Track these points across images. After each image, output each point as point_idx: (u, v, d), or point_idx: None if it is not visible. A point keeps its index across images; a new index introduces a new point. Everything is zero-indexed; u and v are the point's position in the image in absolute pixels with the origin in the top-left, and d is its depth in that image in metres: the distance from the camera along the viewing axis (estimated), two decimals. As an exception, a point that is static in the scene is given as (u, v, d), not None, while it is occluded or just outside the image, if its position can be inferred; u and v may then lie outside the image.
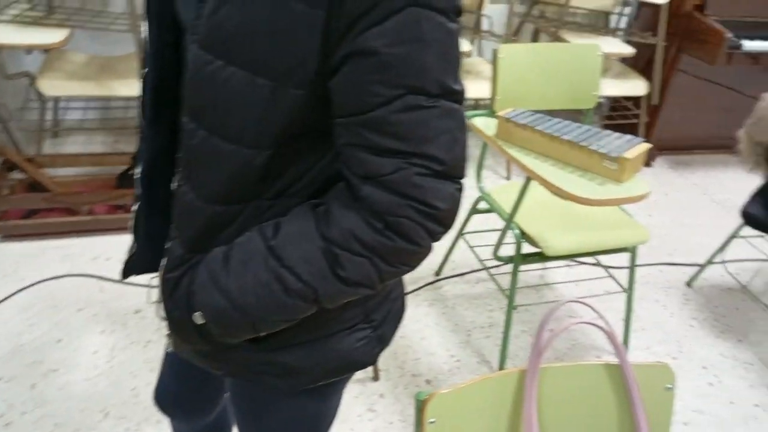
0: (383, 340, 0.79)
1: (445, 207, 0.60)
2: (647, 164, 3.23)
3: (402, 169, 0.58)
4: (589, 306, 0.87)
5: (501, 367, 1.91)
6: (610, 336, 0.87)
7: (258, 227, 0.64)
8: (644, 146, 1.53)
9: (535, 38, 3.11)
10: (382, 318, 0.78)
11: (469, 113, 1.84)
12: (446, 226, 0.61)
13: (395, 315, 0.82)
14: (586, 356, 2.01)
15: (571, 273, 2.42)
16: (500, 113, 1.68)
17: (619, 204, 1.43)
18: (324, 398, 0.80)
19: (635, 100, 3.09)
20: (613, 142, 1.54)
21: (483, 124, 1.77)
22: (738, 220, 2.07)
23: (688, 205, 2.95)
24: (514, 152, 1.61)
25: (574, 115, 2.05)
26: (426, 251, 0.62)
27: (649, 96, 3.01)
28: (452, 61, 0.59)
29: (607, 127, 3.44)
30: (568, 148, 1.56)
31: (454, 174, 0.60)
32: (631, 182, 1.50)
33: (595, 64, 1.98)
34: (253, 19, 0.56)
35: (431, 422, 0.79)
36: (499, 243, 1.85)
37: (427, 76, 0.57)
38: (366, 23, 0.54)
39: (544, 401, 0.87)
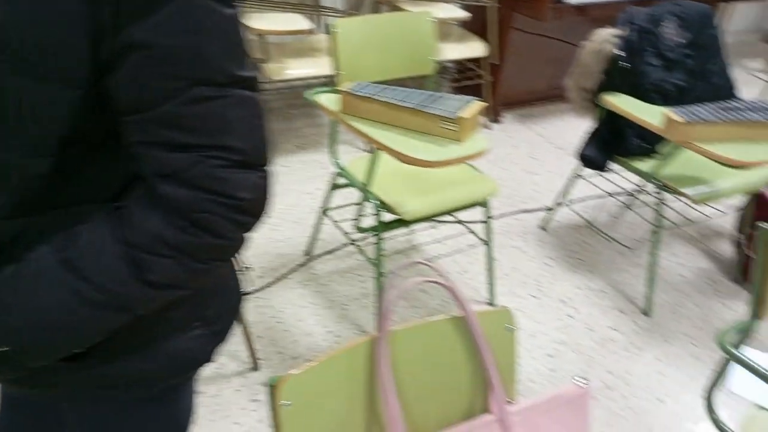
0: (219, 335, 0.78)
1: (249, 197, 0.59)
2: (496, 120, 3.39)
3: (199, 162, 0.56)
4: (429, 265, 0.91)
5: (379, 335, 1.96)
6: (451, 290, 0.91)
7: (51, 239, 0.60)
8: (478, 105, 1.60)
9: (376, 11, 3.15)
10: (215, 314, 0.77)
11: (312, 91, 1.84)
12: (254, 215, 0.61)
13: (231, 309, 0.81)
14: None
15: (436, 233, 2.51)
16: (341, 88, 1.69)
17: (460, 162, 1.50)
18: (172, 402, 0.78)
19: (478, 62, 3.23)
20: (450, 104, 1.60)
21: (327, 100, 1.78)
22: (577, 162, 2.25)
23: (536, 155, 3.14)
24: (358, 124, 1.63)
25: (419, 82, 2.11)
26: (237, 243, 0.62)
27: (489, 56, 3.15)
28: (235, 47, 0.58)
29: (455, 89, 3.57)
30: (409, 114, 1.60)
31: (256, 162, 0.60)
32: (470, 140, 1.57)
33: (429, 30, 2.04)
34: (16, 16, 0.51)
35: (286, 405, 0.80)
36: (359, 215, 1.87)
37: (211, 66, 0.55)
38: (134, 15, 0.52)
39: (398, 364, 0.90)
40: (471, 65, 3.33)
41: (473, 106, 1.58)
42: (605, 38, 2.01)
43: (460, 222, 2.51)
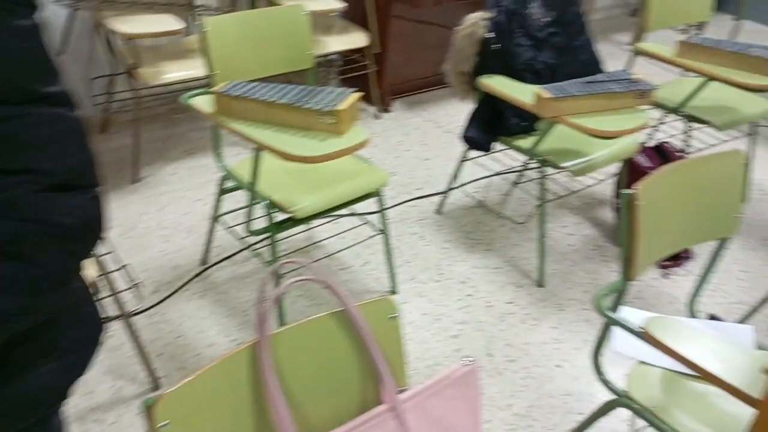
0: (74, 369, 0.73)
1: (71, 221, 0.54)
2: (386, 110, 3.41)
3: (8, 189, 0.52)
4: (302, 263, 0.89)
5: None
6: (328, 286, 0.90)
7: None
8: (355, 96, 1.59)
9: (254, 7, 3.08)
10: (67, 346, 0.72)
11: (187, 94, 1.77)
12: (83, 240, 0.56)
13: (87, 339, 0.76)
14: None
15: (336, 227, 2.50)
16: (214, 89, 1.63)
17: (341, 155, 1.49)
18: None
19: (363, 52, 3.23)
20: (326, 97, 1.59)
21: (203, 102, 1.72)
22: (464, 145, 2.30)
23: (427, 141, 3.19)
24: (235, 125, 1.59)
25: (300, 77, 2.08)
26: (66, 272, 0.57)
27: (371, 46, 3.16)
28: (36, 63, 0.53)
29: (342, 81, 3.56)
30: (286, 111, 1.57)
31: (75, 183, 0.55)
32: (350, 132, 1.56)
33: (304, 24, 2.01)
34: None
35: (164, 426, 0.76)
36: (250, 217, 1.83)
37: (6, 85, 0.51)
38: None
39: (284, 366, 0.89)
40: (355, 56, 3.33)
41: (350, 98, 1.57)
42: (475, 22, 2.06)
43: (355, 214, 2.51)
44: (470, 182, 2.85)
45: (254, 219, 1.86)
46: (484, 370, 1.92)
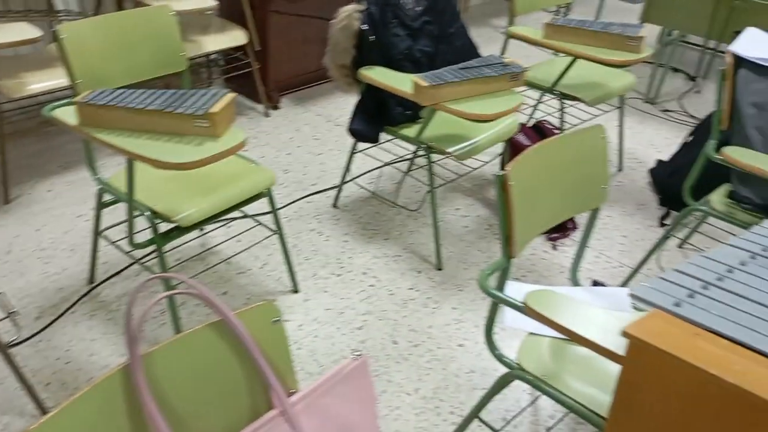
0: None
1: None
2: (275, 107, 3.36)
3: None
4: (175, 277, 0.86)
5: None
6: (202, 297, 0.87)
7: None
8: (229, 96, 1.55)
9: (119, 9, 2.93)
10: None
11: (48, 106, 1.66)
12: None
13: None
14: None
15: (230, 230, 2.44)
16: (77, 98, 1.54)
17: (219, 159, 1.45)
18: None
19: (244, 50, 3.16)
20: (199, 100, 1.54)
21: (66, 113, 1.61)
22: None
23: (318, 135, 3.18)
24: (102, 135, 1.51)
25: (175, 80, 2.00)
26: None
27: (252, 43, 3.09)
28: None
29: (227, 80, 3.47)
30: (157, 117, 1.51)
31: None
32: (227, 135, 1.52)
33: (172, 25, 1.94)
34: None
35: (29, 466, 0.71)
36: (131, 230, 1.75)
37: None
38: None
39: (164, 385, 0.85)
40: (237, 54, 3.25)
41: (224, 99, 1.53)
42: (350, 14, 2.06)
43: (248, 216, 2.46)
44: (363, 174, 2.87)
45: (139, 231, 1.78)
46: (390, 357, 1.95)
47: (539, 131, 2.54)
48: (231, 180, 1.87)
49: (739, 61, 1.88)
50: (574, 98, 2.55)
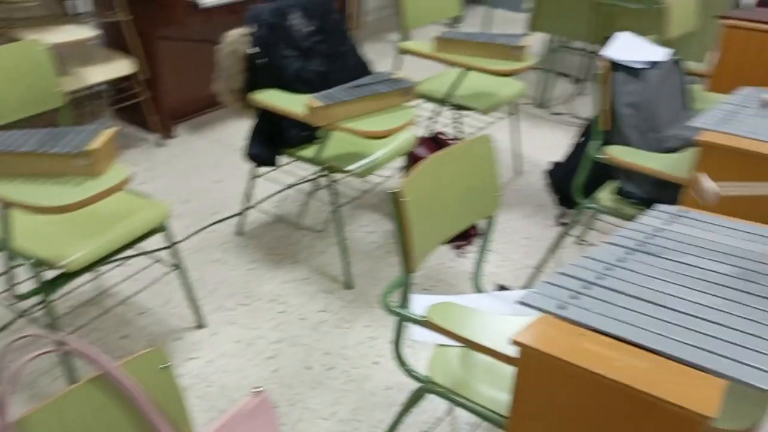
0: None
1: None
2: (169, 136, 3.25)
3: None
4: (41, 335, 0.80)
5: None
6: (77, 351, 0.82)
7: None
8: (109, 131, 1.48)
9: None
10: None
11: None
12: None
13: None
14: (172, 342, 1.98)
15: (127, 270, 2.32)
16: (-63, 145, 1.42)
17: (102, 198, 1.37)
18: None
19: (132, 79, 3.04)
20: (76, 137, 1.45)
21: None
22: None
23: (218, 162, 3.10)
24: (-30, 183, 1.40)
25: (56, 117, 1.89)
26: None
27: (139, 72, 2.99)
28: None
29: (117, 112, 3.33)
30: (33, 159, 1.41)
31: None
32: (109, 172, 1.45)
33: (45, 60, 1.83)
34: None
35: None
36: (13, 282, 1.63)
37: None
38: None
39: (41, 450, 0.79)
40: (126, 84, 3.13)
41: (104, 135, 1.46)
42: (236, 38, 2.03)
43: (144, 253, 2.36)
44: (266, 198, 2.82)
45: (23, 281, 1.66)
46: (304, 384, 1.91)
47: (437, 143, 2.59)
48: (120, 218, 1.78)
49: (614, 65, 1.99)
50: (468, 108, 2.62)
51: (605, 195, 2.10)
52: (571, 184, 2.81)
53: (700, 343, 0.77)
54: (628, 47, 2.03)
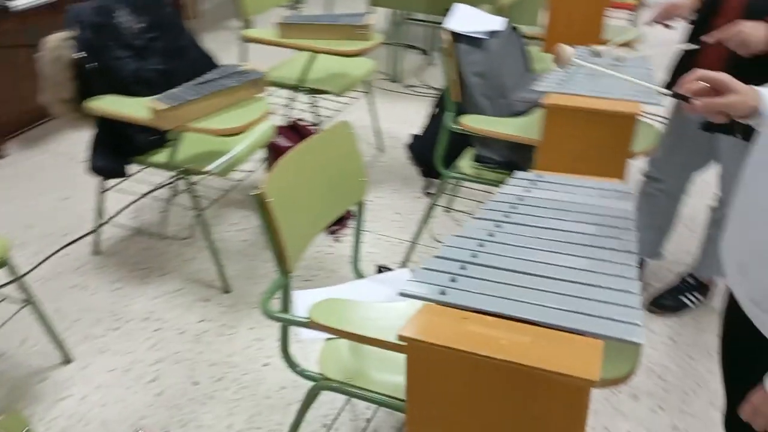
0: None
1: None
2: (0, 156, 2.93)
3: None
4: None
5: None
6: None
7: None
8: None
9: None
10: None
11: None
12: None
13: None
14: (29, 389, 1.80)
15: (-29, 314, 2.07)
16: None
17: None
18: None
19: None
20: None
21: None
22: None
23: (63, 178, 2.83)
24: None
25: None
26: None
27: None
28: None
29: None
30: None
31: None
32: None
33: None
34: None
35: None
36: None
37: None
38: None
39: None
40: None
41: None
42: (57, 44, 1.84)
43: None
44: (120, 211, 2.62)
45: None
46: (194, 401, 1.81)
47: (296, 130, 2.53)
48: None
49: (456, 37, 2.04)
50: (322, 91, 2.58)
51: (465, 163, 2.16)
52: (433, 155, 2.88)
53: (575, 306, 0.81)
54: (468, 19, 2.08)
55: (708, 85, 0.97)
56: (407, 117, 3.51)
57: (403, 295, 0.86)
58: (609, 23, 2.47)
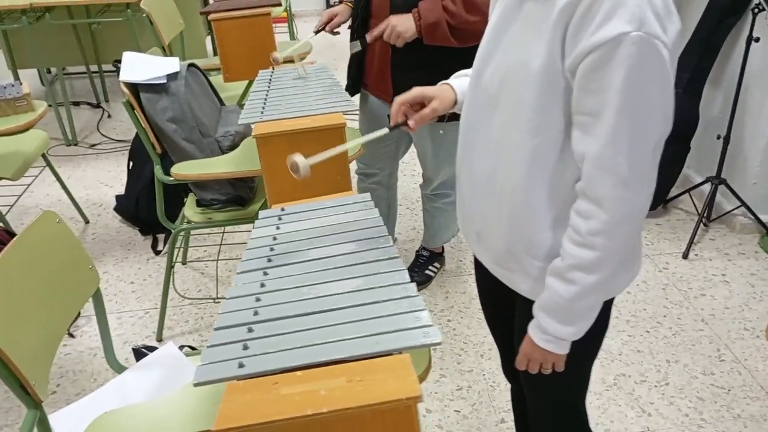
0: None
1: None
2: None
3: None
4: None
5: None
6: None
7: None
8: None
9: None
10: None
11: None
12: None
13: None
14: None
15: None
16: None
17: None
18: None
19: None
20: None
21: None
22: None
23: None
24: None
25: None
26: None
27: None
28: None
29: None
30: None
31: None
32: None
33: None
34: None
35: None
36: None
37: None
38: None
39: None
40: None
41: None
42: None
43: None
44: None
45: None
46: None
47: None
48: None
49: (136, 87, 1.91)
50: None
51: (190, 210, 2.06)
52: (146, 210, 2.68)
53: (371, 330, 0.82)
54: (141, 66, 1.96)
55: (409, 104, 1.08)
56: (102, 178, 3.21)
57: (199, 384, 0.78)
58: (281, 40, 2.56)
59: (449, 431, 1.78)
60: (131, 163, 2.85)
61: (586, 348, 1.05)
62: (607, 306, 1.05)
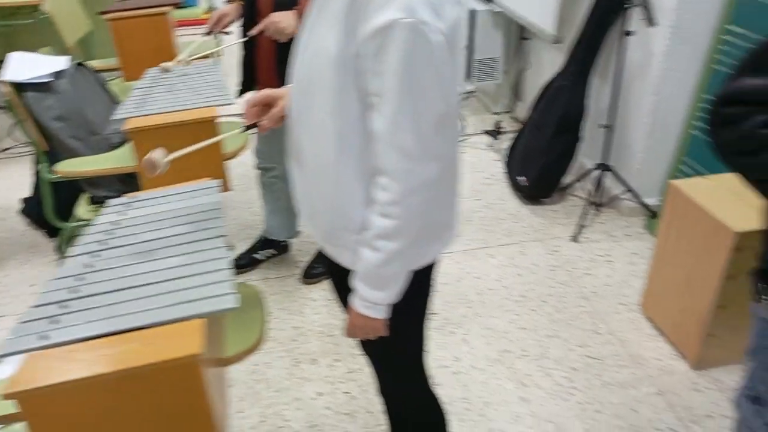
0: None
1: None
2: None
3: None
4: None
5: None
6: None
7: None
8: None
9: None
10: None
11: None
12: None
13: None
14: None
15: None
16: None
17: None
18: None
19: None
20: None
21: None
22: None
23: None
24: None
25: None
26: None
27: None
28: None
29: None
30: None
31: None
32: None
33: None
34: None
35: None
36: None
37: None
38: None
39: None
40: None
41: None
42: None
43: None
44: None
45: None
46: None
47: None
48: None
49: (20, 86, 1.92)
50: None
51: (83, 209, 2.08)
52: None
53: (174, 300, 0.88)
54: (26, 65, 1.98)
55: (259, 105, 1.15)
56: (13, 182, 3.17)
57: (3, 356, 0.82)
58: (185, 40, 2.59)
59: (338, 412, 1.85)
60: (39, 165, 2.83)
61: (407, 312, 1.13)
62: (426, 273, 1.13)
